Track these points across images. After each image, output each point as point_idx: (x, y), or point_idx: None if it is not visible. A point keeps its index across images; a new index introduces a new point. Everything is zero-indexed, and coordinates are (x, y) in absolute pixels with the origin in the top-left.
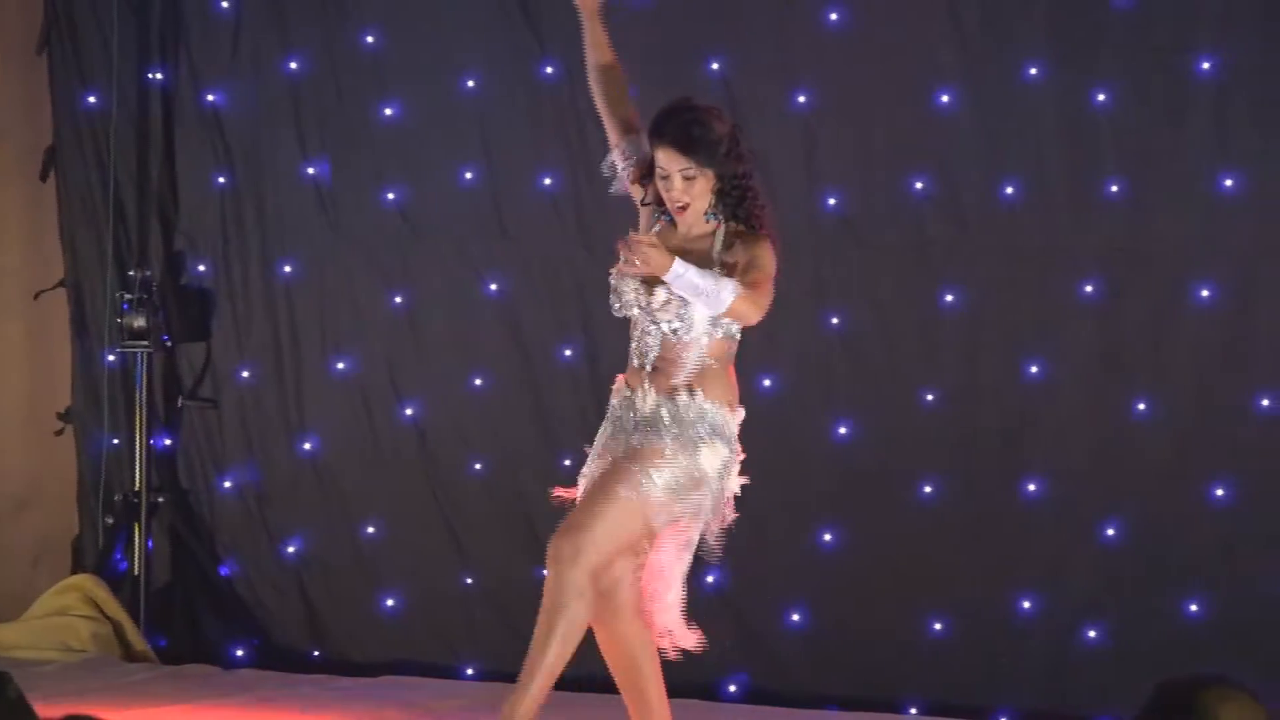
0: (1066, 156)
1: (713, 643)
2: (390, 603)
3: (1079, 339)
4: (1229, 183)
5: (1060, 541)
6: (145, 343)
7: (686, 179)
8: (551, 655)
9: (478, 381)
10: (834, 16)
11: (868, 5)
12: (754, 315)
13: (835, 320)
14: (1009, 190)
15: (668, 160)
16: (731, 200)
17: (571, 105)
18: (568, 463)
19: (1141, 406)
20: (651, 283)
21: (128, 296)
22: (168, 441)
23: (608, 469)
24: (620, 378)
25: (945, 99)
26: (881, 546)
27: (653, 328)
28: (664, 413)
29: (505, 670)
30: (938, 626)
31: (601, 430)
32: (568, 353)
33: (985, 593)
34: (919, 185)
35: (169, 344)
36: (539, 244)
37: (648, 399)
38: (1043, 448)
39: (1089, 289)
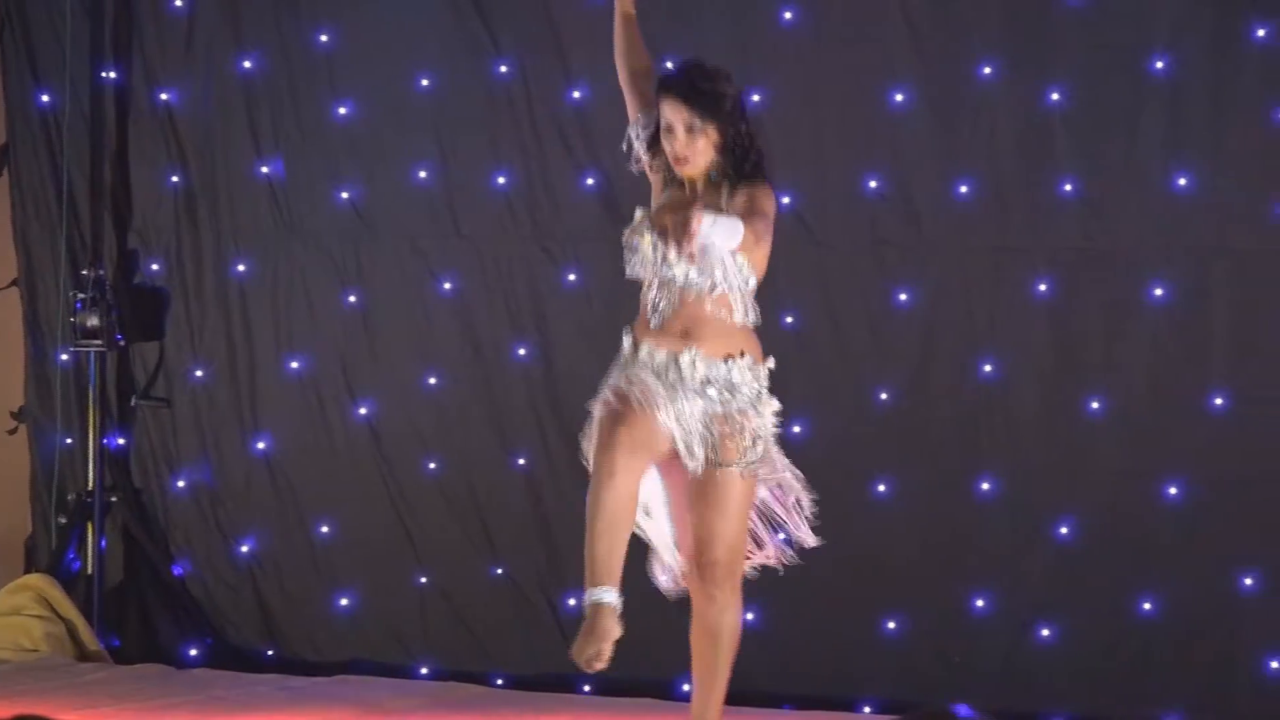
0: (1020, 155)
1: (668, 642)
2: (344, 602)
3: (1033, 338)
4: (1182, 181)
5: (1014, 540)
6: (98, 342)
7: (689, 131)
8: (722, 682)
9: (432, 380)
10: (788, 15)
11: (822, 4)
12: (756, 245)
13: (789, 319)
14: (963, 189)
15: (673, 112)
16: (735, 159)
17: (526, 103)
18: (521, 461)
19: (1095, 405)
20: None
21: (81, 295)
22: (121, 441)
23: (735, 483)
24: (629, 337)
25: (899, 98)
26: (835, 546)
27: (672, 285)
28: (719, 378)
29: (459, 669)
30: (891, 625)
31: (640, 373)
32: (521, 352)
33: (939, 591)
34: (873, 184)
35: (122, 343)
36: (493, 243)
37: (699, 364)
38: (996, 447)
39: (1042, 288)
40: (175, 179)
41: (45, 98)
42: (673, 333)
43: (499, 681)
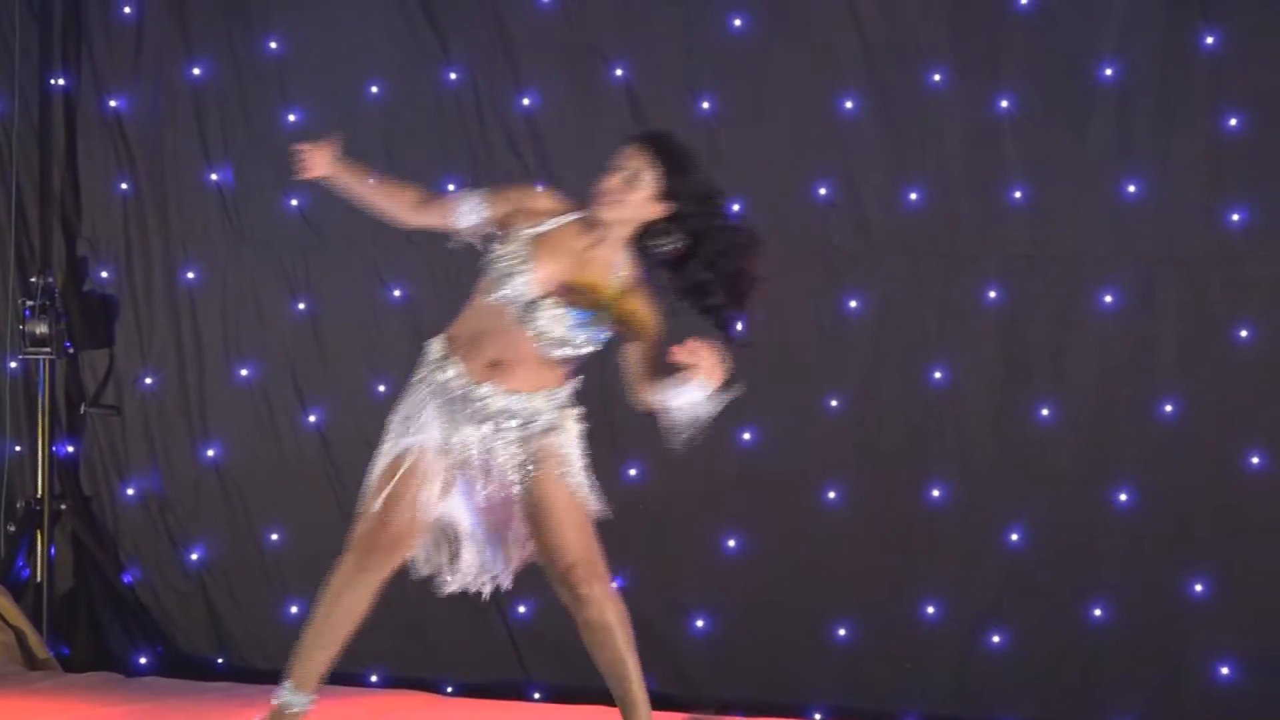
0: (969, 163)
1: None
2: (294, 609)
3: (982, 344)
4: (1131, 188)
5: (964, 546)
6: (47, 349)
7: (629, 181)
8: (635, 666)
9: (381, 388)
10: (738, 23)
11: (771, 12)
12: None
13: (738, 325)
14: (912, 196)
15: (629, 155)
16: (655, 249)
17: (476, 111)
18: None
19: (1045, 412)
20: (545, 283)
21: (29, 303)
22: (70, 448)
23: (559, 494)
24: (439, 344)
25: (848, 105)
26: (786, 552)
27: (529, 327)
28: (519, 411)
29: (410, 676)
30: (842, 632)
31: (421, 399)
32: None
33: (890, 598)
34: (822, 191)
35: (71, 350)
36: (443, 250)
37: (497, 399)
38: (946, 453)
39: (992, 294)
40: (124, 186)
41: None
42: (484, 360)
43: (449, 689)
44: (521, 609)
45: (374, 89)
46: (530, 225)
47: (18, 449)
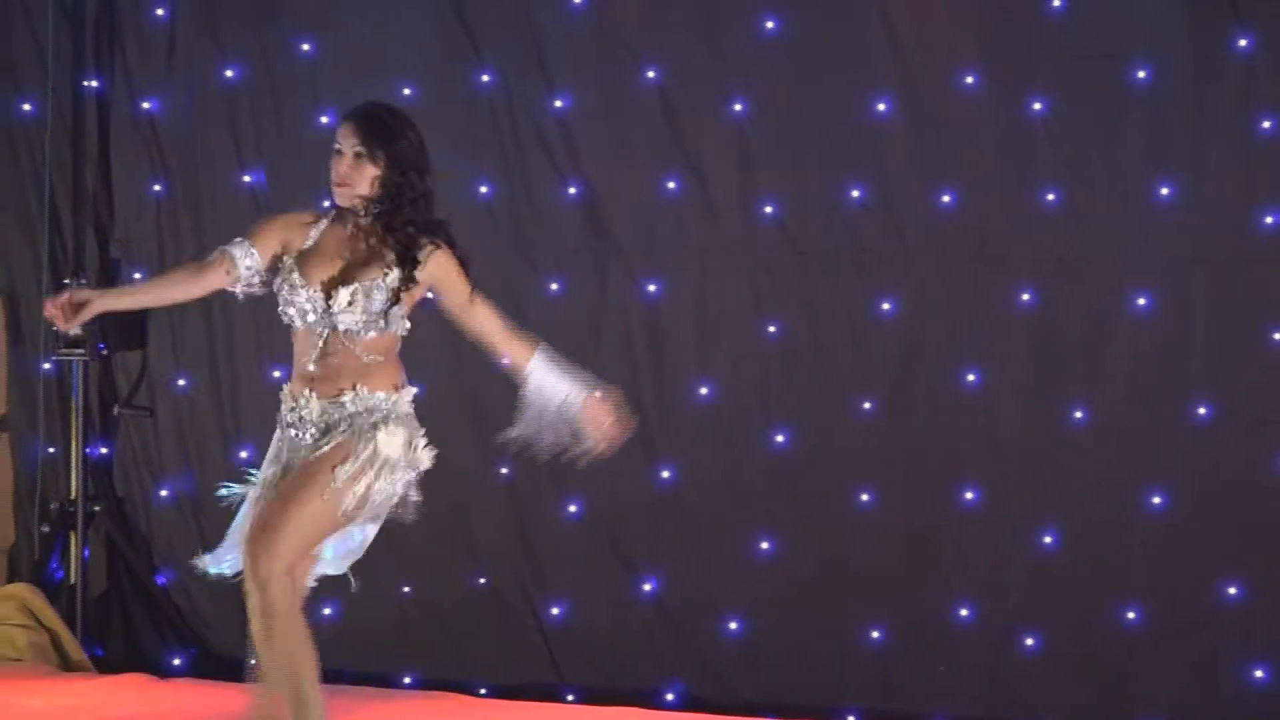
0: (1001, 166)
1: (651, 651)
2: (327, 611)
3: (1014, 347)
4: (1164, 191)
5: (997, 549)
6: (81, 351)
7: (356, 156)
8: (287, 654)
9: (415, 390)
10: (770, 25)
11: (804, 14)
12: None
13: (771, 329)
14: (945, 199)
15: (344, 135)
16: (393, 203)
17: (508, 113)
18: (504, 470)
19: (1078, 414)
20: (329, 286)
21: None
22: (104, 450)
23: (295, 474)
24: (287, 387)
25: (881, 107)
26: (818, 554)
27: (325, 331)
28: (332, 414)
29: (442, 679)
30: (875, 634)
31: (276, 437)
32: (504, 361)
33: (922, 600)
34: (855, 194)
35: (105, 352)
36: (475, 252)
37: (312, 404)
38: (979, 456)
39: (1025, 297)
40: (157, 188)
41: (27, 107)
42: (314, 378)
43: (482, 691)
44: (555, 611)
45: (406, 91)
46: (297, 247)
47: (51, 450)
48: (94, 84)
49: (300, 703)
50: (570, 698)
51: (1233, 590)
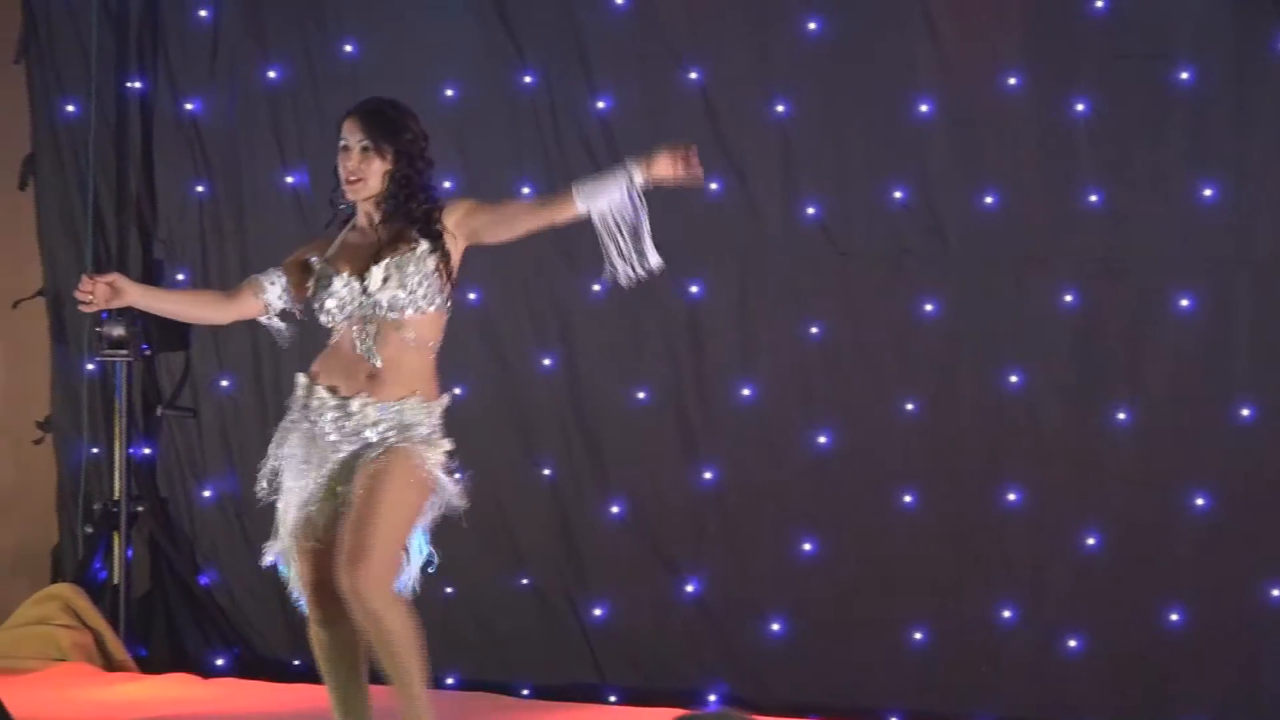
0: (1044, 166)
1: (693, 652)
2: None
3: (1057, 349)
4: (1207, 192)
5: (1040, 550)
6: (124, 352)
7: (364, 151)
8: (412, 672)
9: (456, 391)
10: (812, 26)
11: (846, 15)
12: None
13: (814, 330)
14: (987, 200)
15: (350, 131)
16: (405, 193)
17: (550, 114)
18: (547, 471)
19: (1120, 416)
20: (362, 269)
21: None
22: (147, 450)
23: (364, 493)
24: (303, 379)
25: (923, 108)
26: (861, 556)
27: (369, 318)
28: (391, 419)
29: (484, 679)
30: (918, 636)
31: (287, 435)
32: (546, 362)
33: (965, 602)
34: (897, 195)
35: (148, 353)
36: (517, 253)
37: (369, 410)
38: (1022, 457)
39: (1067, 299)
40: (200, 189)
41: (70, 108)
42: (358, 375)
43: (524, 691)
44: (597, 611)
45: (449, 92)
46: (319, 260)
47: (95, 451)
48: (137, 85)
49: (417, 712)
50: (612, 699)
51: (1276, 592)
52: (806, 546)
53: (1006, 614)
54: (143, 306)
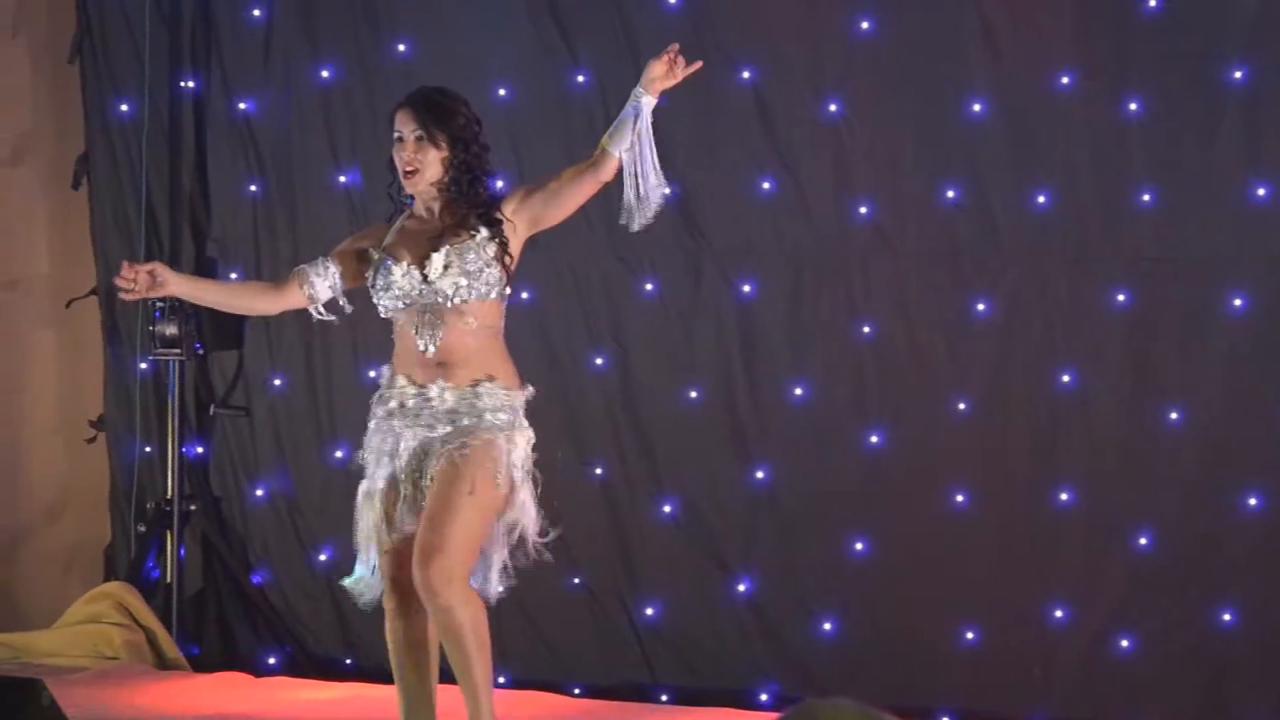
0: (1097, 165)
1: (744, 651)
2: None
3: (1110, 348)
4: (1260, 191)
5: (1092, 550)
6: (177, 350)
7: (418, 140)
8: (479, 670)
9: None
10: (865, 25)
11: (899, 14)
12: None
13: (866, 329)
14: (1040, 199)
15: (403, 122)
16: (463, 178)
17: (603, 114)
18: (599, 471)
19: (1173, 415)
20: (421, 258)
21: (160, 304)
22: (200, 449)
23: (441, 484)
24: (386, 370)
25: (976, 107)
26: (913, 555)
27: (431, 307)
28: (466, 406)
29: (536, 679)
30: (969, 635)
31: (377, 430)
32: (598, 361)
33: (1017, 602)
34: (950, 194)
35: (201, 352)
36: (570, 252)
37: (447, 395)
38: (1074, 457)
39: (1120, 298)
40: (253, 188)
41: (124, 107)
42: (429, 363)
43: (576, 691)
44: (649, 611)
45: (501, 91)
46: (377, 249)
47: (148, 450)
48: (191, 85)
49: (480, 711)
50: (664, 698)
51: None
52: (858, 546)
53: (1058, 614)
54: (185, 296)
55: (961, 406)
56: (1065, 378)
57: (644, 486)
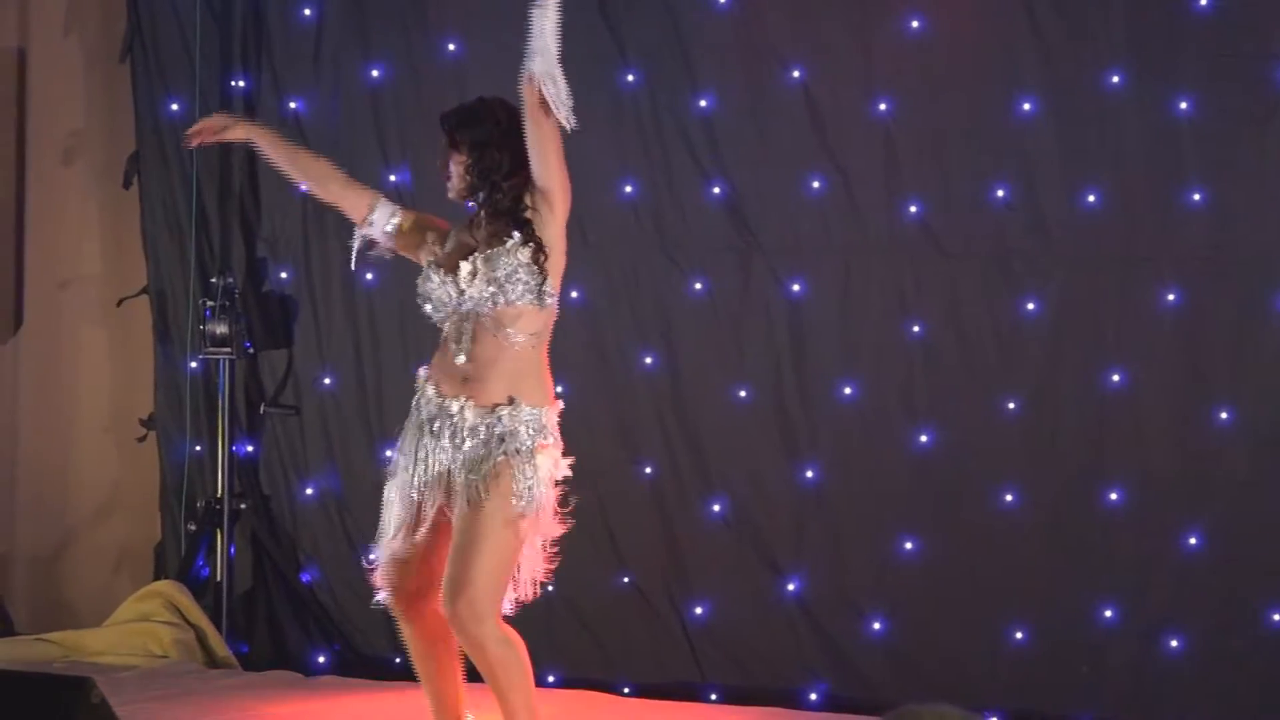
0: (1148, 164)
1: (794, 650)
2: None
3: (1160, 347)
4: None
5: (1142, 550)
6: (227, 349)
7: (447, 148)
8: (516, 699)
9: (558, 389)
10: (915, 24)
11: (949, 13)
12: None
13: (916, 329)
14: (1090, 198)
15: (441, 136)
16: (482, 186)
17: (653, 113)
18: (649, 470)
19: (1224, 415)
20: (454, 268)
21: (210, 303)
22: (249, 448)
23: (465, 515)
24: (424, 371)
25: (1026, 107)
26: (962, 555)
27: (466, 317)
28: (487, 428)
29: (586, 677)
30: (1018, 636)
31: (414, 433)
32: (648, 360)
33: (1066, 602)
34: (1000, 193)
35: (251, 351)
36: (619, 251)
37: (466, 413)
38: (1124, 456)
39: (1170, 297)
40: (303, 187)
41: (175, 107)
42: (456, 376)
43: (625, 690)
44: (698, 610)
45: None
46: (435, 250)
47: (198, 449)
48: (241, 84)
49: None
50: (713, 697)
51: None
52: (908, 545)
53: (1108, 614)
54: (255, 143)
55: (1011, 406)
56: (1115, 377)
57: (693, 486)
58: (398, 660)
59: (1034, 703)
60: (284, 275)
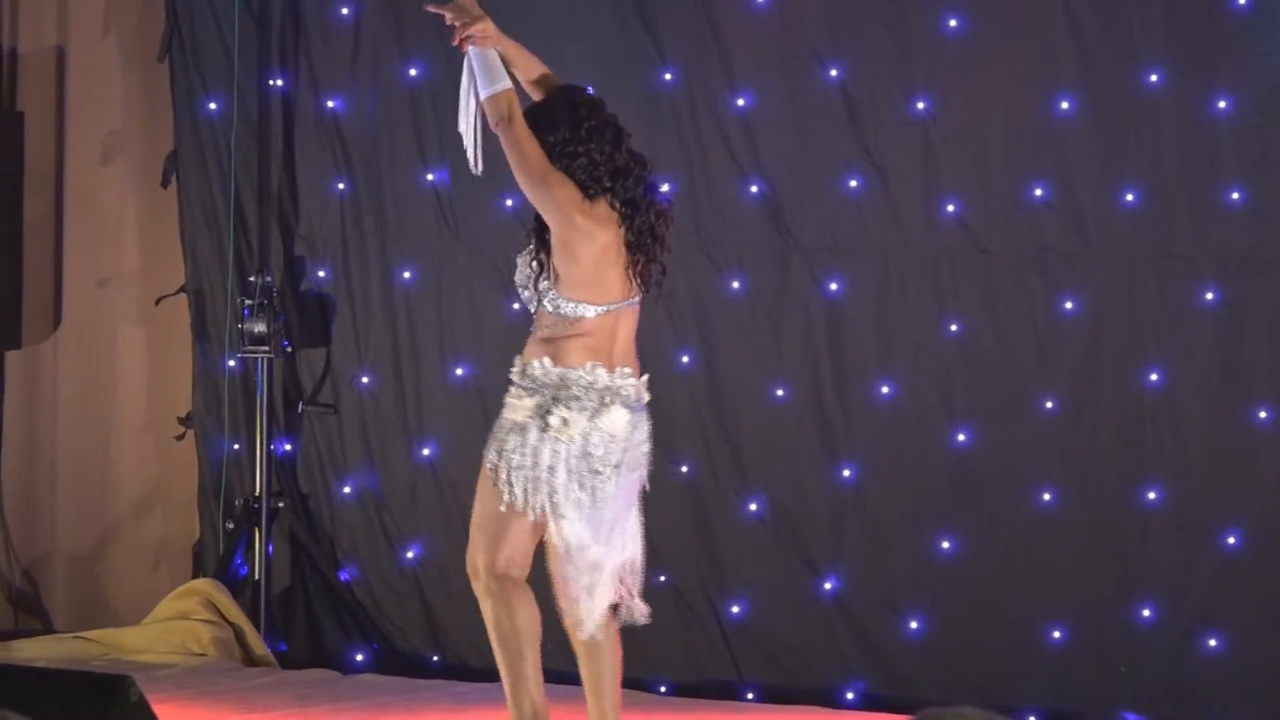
0: (1186, 163)
1: (831, 650)
2: None
3: (1199, 346)
4: None
5: (1180, 550)
6: (265, 348)
7: None
8: (499, 660)
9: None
10: (953, 23)
11: (986, 12)
12: (504, 122)
13: (954, 327)
14: (1128, 197)
15: None
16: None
17: (690, 111)
18: (684, 469)
19: (1262, 414)
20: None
21: (248, 302)
22: (288, 447)
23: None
24: None
25: (1064, 105)
26: (1000, 554)
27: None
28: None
29: (623, 676)
30: (1056, 635)
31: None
32: (684, 359)
33: (1104, 601)
34: (1038, 192)
35: (289, 349)
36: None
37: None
38: (1162, 455)
39: (1209, 296)
40: (341, 186)
41: (213, 106)
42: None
43: (662, 689)
44: (735, 609)
45: (589, 89)
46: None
47: (236, 447)
48: (279, 83)
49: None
50: (750, 696)
51: None
52: (945, 545)
53: (1146, 613)
54: (500, 45)
55: (1049, 405)
56: (1153, 376)
57: (730, 484)
58: (435, 659)
59: (1071, 702)
60: (322, 274)
